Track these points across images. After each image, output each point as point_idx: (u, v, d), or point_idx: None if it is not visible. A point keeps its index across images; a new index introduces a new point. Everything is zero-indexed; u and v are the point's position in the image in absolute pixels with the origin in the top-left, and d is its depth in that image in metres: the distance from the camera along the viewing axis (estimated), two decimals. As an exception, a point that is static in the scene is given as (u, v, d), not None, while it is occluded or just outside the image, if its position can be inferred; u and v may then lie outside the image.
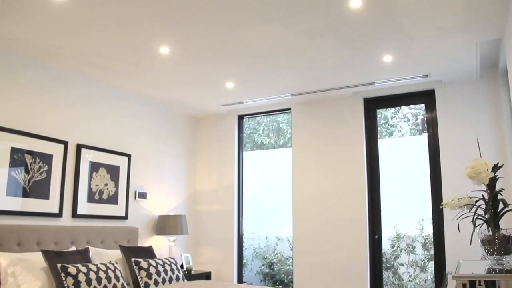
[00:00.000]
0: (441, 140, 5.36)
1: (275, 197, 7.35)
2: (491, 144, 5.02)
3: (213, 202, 6.84)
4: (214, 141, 6.99)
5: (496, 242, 2.75)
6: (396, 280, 6.08)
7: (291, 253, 6.88)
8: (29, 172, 4.48)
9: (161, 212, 6.22)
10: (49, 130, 4.76)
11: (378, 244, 5.73)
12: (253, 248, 7.49)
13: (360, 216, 5.69)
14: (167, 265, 4.85)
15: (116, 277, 4.06)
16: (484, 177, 2.73)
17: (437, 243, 5.35)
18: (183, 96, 6.05)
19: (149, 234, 6.02)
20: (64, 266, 3.74)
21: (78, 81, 5.16)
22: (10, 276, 3.87)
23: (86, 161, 5.14)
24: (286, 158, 6.65)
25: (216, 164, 6.92)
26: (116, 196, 5.50)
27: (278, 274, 7.29)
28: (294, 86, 5.64)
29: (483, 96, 5.21)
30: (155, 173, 6.23)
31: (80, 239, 4.80)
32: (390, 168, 5.95)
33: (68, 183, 4.92)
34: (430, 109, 5.59)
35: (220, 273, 6.59)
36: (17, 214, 4.35)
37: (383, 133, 6.36)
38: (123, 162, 5.64)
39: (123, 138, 5.73)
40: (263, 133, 7.73)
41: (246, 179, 6.87)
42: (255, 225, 7.29)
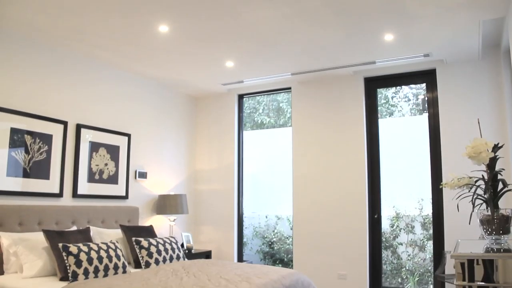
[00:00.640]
0: (441, 120, 5.35)
1: (275, 176, 7.36)
2: (491, 124, 5.00)
3: (213, 182, 6.86)
4: (214, 120, 6.98)
5: (494, 222, 2.77)
6: (395, 259, 6.13)
7: (291, 232, 6.93)
8: (29, 153, 4.48)
9: (161, 192, 6.24)
10: (49, 111, 4.74)
11: (377, 224, 5.77)
12: (253, 227, 7.54)
13: (359, 196, 5.72)
14: (167, 244, 4.88)
15: (117, 256, 4.09)
16: (484, 157, 2.73)
17: (436, 223, 5.38)
18: (182, 76, 6.01)
19: (150, 213, 6.05)
20: (65, 246, 3.77)
21: (77, 61, 5.12)
22: (12, 256, 3.91)
23: (86, 141, 5.14)
24: (286, 137, 6.64)
25: (216, 143, 6.92)
26: (116, 176, 5.51)
27: (278, 253, 7.35)
28: (294, 65, 5.60)
29: (484, 76, 5.18)
30: (155, 152, 6.24)
31: (81, 219, 4.82)
32: (390, 148, 5.94)
33: (68, 163, 4.93)
34: (431, 89, 5.56)
35: (220, 252, 6.65)
36: (18, 194, 4.36)
37: (383, 112, 6.34)
38: (123, 142, 5.64)
39: (123, 118, 5.71)
40: (263, 113, 7.70)
41: (246, 159, 6.88)
42: (255, 204, 7.32)
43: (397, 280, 6.09)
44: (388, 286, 5.93)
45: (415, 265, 6.02)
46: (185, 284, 3.57)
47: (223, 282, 3.69)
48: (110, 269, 3.94)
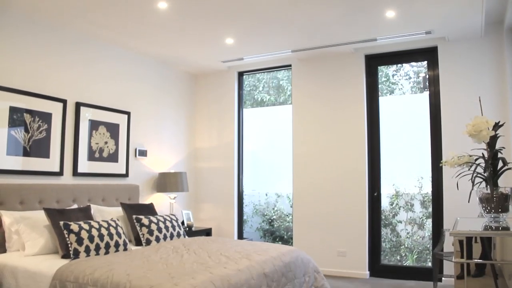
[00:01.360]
0: (442, 98, 5.32)
1: (275, 154, 7.37)
2: (493, 102, 4.98)
3: (213, 159, 6.87)
4: (214, 98, 6.95)
5: (494, 200, 2.77)
6: (394, 237, 6.17)
7: (290, 210, 6.96)
8: (28, 131, 4.47)
9: (161, 170, 6.25)
10: (48, 89, 4.71)
11: (377, 201, 5.80)
12: (253, 205, 7.58)
13: (359, 173, 5.73)
14: (168, 221, 4.91)
15: (118, 233, 4.12)
16: (484, 135, 2.72)
17: (435, 201, 5.40)
18: (182, 53, 5.96)
19: (150, 191, 6.07)
20: (66, 224, 3.79)
21: (76, 39, 5.07)
22: (14, 234, 3.94)
23: (85, 119, 5.12)
24: (286, 115, 6.62)
25: (216, 121, 6.90)
26: (116, 154, 5.51)
27: (278, 231, 7.40)
28: (294, 42, 5.55)
29: (486, 53, 5.13)
30: (155, 130, 6.23)
31: (81, 197, 4.84)
32: (390, 126, 5.93)
33: (68, 141, 4.92)
34: (432, 66, 5.52)
35: (220, 230, 6.69)
36: (18, 173, 4.37)
37: (384, 90, 6.30)
38: (122, 120, 5.62)
39: (122, 96, 5.69)
40: (263, 90, 7.66)
41: (246, 136, 6.88)
42: (255, 182, 7.34)
43: (396, 257, 6.15)
44: (387, 263, 5.99)
45: (414, 243, 6.06)
46: (186, 261, 3.61)
47: (223, 259, 3.72)
48: (111, 246, 3.97)
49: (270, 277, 3.61)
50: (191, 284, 2.89)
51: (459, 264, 2.60)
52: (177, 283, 2.87)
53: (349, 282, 5.42)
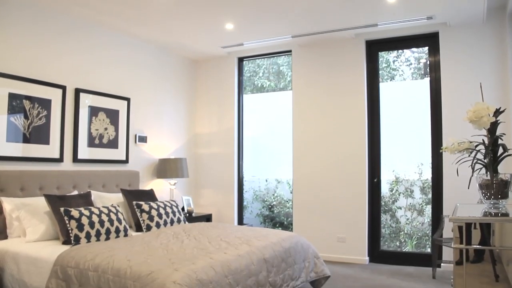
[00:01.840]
0: (443, 84, 5.30)
1: (275, 140, 7.36)
2: (494, 88, 4.96)
3: (213, 145, 6.87)
4: (214, 84, 6.92)
5: (493, 186, 2.77)
6: (393, 223, 6.20)
7: (290, 196, 6.98)
8: (28, 118, 4.46)
9: (161, 156, 6.25)
10: (47, 75, 4.69)
11: (377, 188, 5.81)
12: (253, 191, 7.59)
13: (359, 160, 5.73)
14: (168, 207, 4.92)
15: (118, 219, 4.13)
16: (485, 122, 2.71)
17: (435, 187, 5.41)
18: (182, 39, 5.92)
19: (150, 177, 6.08)
20: (67, 210, 3.80)
21: (75, 25, 5.03)
22: (15, 220, 3.96)
23: (85, 106, 5.11)
24: (286, 101, 6.61)
25: (216, 107, 6.89)
26: (116, 140, 5.51)
27: (278, 216, 7.43)
28: (294, 27, 5.51)
29: (488, 39, 5.10)
30: (155, 116, 6.21)
31: (81, 183, 4.85)
32: (390, 112, 5.91)
33: (67, 128, 4.91)
34: (433, 52, 5.48)
35: (220, 215, 6.72)
36: (19, 159, 4.37)
37: (384, 76, 6.27)
38: (122, 106, 5.61)
39: (122, 81, 5.66)
40: (263, 76, 7.63)
41: (246, 122, 6.87)
42: (255, 168, 7.35)
43: (395, 243, 6.18)
44: (387, 249, 6.02)
45: (413, 229, 6.09)
46: (186, 246, 3.62)
47: (223, 244, 3.74)
48: (111, 232, 3.99)
49: (270, 263, 3.63)
50: (192, 269, 2.91)
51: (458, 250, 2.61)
52: (178, 268, 2.89)
53: (348, 267, 5.45)
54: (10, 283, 3.59)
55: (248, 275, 3.31)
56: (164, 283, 2.72)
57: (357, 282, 4.77)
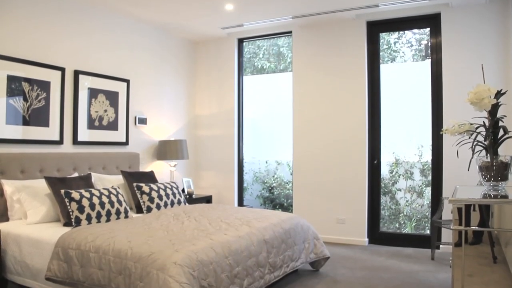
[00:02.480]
0: (444, 66, 5.27)
1: (275, 121, 7.35)
2: (496, 70, 4.93)
3: (213, 127, 6.86)
4: (214, 65, 6.88)
5: (493, 169, 2.78)
6: (393, 205, 6.22)
7: (290, 178, 7.00)
8: (27, 100, 4.44)
9: (161, 137, 6.25)
10: (46, 57, 4.66)
11: (377, 169, 5.81)
12: (253, 173, 7.61)
13: (360, 141, 5.73)
14: (168, 189, 4.94)
15: (119, 201, 4.14)
16: (486, 103, 2.70)
17: (435, 169, 5.42)
18: (181, 20, 5.86)
19: (150, 159, 6.09)
20: (67, 192, 3.81)
21: (73, 7, 4.97)
22: (16, 203, 3.97)
23: (84, 88, 5.08)
24: (286, 82, 6.58)
25: (216, 88, 6.86)
26: (116, 122, 5.50)
27: (278, 198, 7.46)
28: (295, 8, 5.45)
29: (491, 20, 5.04)
30: (154, 98, 6.19)
31: (82, 166, 4.86)
32: (391, 94, 5.89)
33: (67, 110, 4.90)
34: (435, 33, 5.43)
35: (220, 197, 6.75)
36: (19, 142, 4.37)
37: (385, 58, 6.23)
38: (122, 88, 5.58)
39: (121, 63, 5.63)
40: (263, 58, 7.59)
41: (246, 104, 6.85)
42: (255, 149, 7.36)
43: (394, 225, 6.21)
44: (386, 230, 6.05)
45: (413, 211, 6.12)
46: (186, 228, 3.65)
47: (223, 225, 3.76)
48: (112, 214, 4.01)
49: (270, 244, 3.66)
50: (192, 250, 2.93)
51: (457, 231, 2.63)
52: (178, 249, 2.91)
53: (348, 249, 5.49)
54: (12, 265, 3.62)
55: (248, 256, 3.33)
56: (164, 264, 2.74)
57: (356, 263, 4.81)
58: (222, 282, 2.97)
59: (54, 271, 3.24)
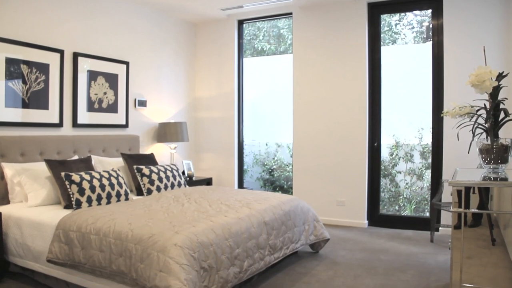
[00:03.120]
0: (445, 48, 5.22)
1: (276, 104, 7.33)
2: (497, 52, 4.89)
3: (213, 109, 6.85)
4: (214, 47, 6.84)
5: (493, 151, 2.78)
6: (393, 187, 6.24)
7: (290, 160, 7.01)
8: (26, 83, 4.41)
9: (161, 120, 6.24)
10: (44, 39, 4.61)
11: (377, 152, 5.81)
12: (254, 155, 7.61)
13: (360, 123, 5.71)
14: (168, 171, 4.94)
15: (119, 184, 4.15)
16: (487, 86, 2.69)
17: (435, 152, 5.42)
18: (180, 0, 5.80)
19: (150, 141, 6.09)
20: (67, 175, 3.82)
21: (69, -15, 4.93)
22: (16, 186, 3.98)
23: (83, 70, 5.05)
24: (286, 64, 6.54)
25: (215, 70, 6.82)
26: (115, 105, 5.48)
27: (278, 180, 7.48)
28: (295, -11, 5.40)
29: (493, 2, 4.98)
30: (154, 80, 6.16)
31: (82, 148, 4.86)
32: (391, 77, 5.86)
33: (66, 92, 4.88)
34: (437, 15, 5.38)
35: (221, 179, 6.76)
36: (18, 125, 4.36)
37: (386, 40, 6.18)
38: (121, 70, 5.55)
39: (120, 45, 5.58)
40: (264, 39, 7.53)
41: (246, 86, 6.82)
42: (255, 132, 7.35)
43: (394, 207, 6.24)
44: (386, 213, 6.08)
45: (412, 193, 6.13)
46: (186, 209, 3.66)
47: (223, 207, 3.77)
48: (112, 196, 4.02)
49: (270, 225, 3.67)
50: (192, 232, 2.95)
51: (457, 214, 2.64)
52: (178, 231, 2.93)
53: (348, 231, 5.52)
54: (14, 247, 3.65)
55: (248, 238, 3.35)
56: (165, 246, 2.75)
57: (356, 245, 4.84)
58: (222, 264, 2.99)
59: (55, 253, 3.26)
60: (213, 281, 2.87)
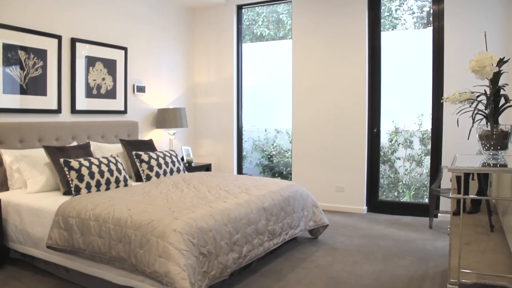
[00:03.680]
0: (446, 33, 5.18)
1: (275, 89, 7.30)
2: (498, 38, 4.86)
3: (212, 95, 6.82)
4: (213, 32, 6.79)
5: (493, 137, 2.77)
6: (392, 174, 6.24)
7: (290, 146, 7.00)
8: (24, 69, 4.38)
9: (160, 106, 6.22)
10: (41, 25, 4.57)
11: (376, 138, 5.81)
12: (253, 141, 7.60)
13: (359, 110, 5.70)
14: (167, 157, 4.94)
15: (118, 170, 4.15)
16: (488, 71, 2.67)
17: (434, 138, 5.41)
18: (178, -14, 5.75)
19: (149, 127, 6.07)
20: (66, 161, 3.81)
21: (66, -30, 4.87)
22: (15, 172, 3.98)
23: (81, 56, 5.02)
24: (286, 50, 6.50)
25: (214, 56, 6.78)
26: (114, 91, 5.45)
27: (277, 166, 7.48)
28: (295, -26, 5.33)
29: (494, -14, 4.94)
30: (153, 66, 6.13)
31: (80, 135, 4.84)
32: (391, 62, 5.83)
33: (64, 78, 4.85)
34: (437, 0, 5.33)
35: (220, 165, 6.76)
36: (17, 111, 4.34)
37: (386, 25, 6.13)
38: (119, 56, 5.51)
39: (118, 31, 5.54)
40: (263, 25, 7.47)
41: (245, 72, 6.79)
42: (254, 118, 7.33)
43: (393, 193, 6.25)
44: (385, 199, 6.09)
45: (411, 180, 6.14)
46: (186, 195, 3.66)
47: (223, 193, 3.78)
48: (111, 182, 4.02)
49: (269, 211, 3.68)
50: (191, 218, 2.95)
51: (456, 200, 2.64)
52: (177, 217, 2.93)
53: (347, 217, 5.54)
54: (14, 234, 3.65)
55: (247, 224, 3.36)
56: (164, 232, 2.76)
57: (355, 231, 4.86)
58: (222, 249, 3.00)
59: (55, 239, 3.27)
60: (212, 267, 2.88)
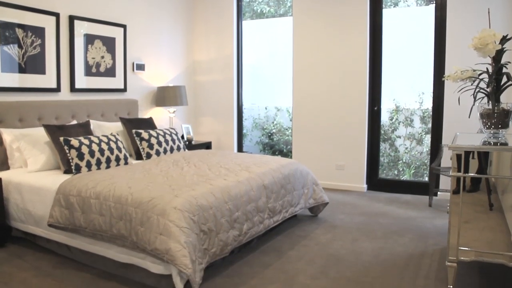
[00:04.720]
0: (449, 10, 5.10)
1: (275, 67, 7.25)
2: (502, 15, 4.79)
3: (212, 73, 6.78)
4: (213, 9, 6.71)
5: (494, 116, 2.76)
6: (392, 152, 6.24)
7: (290, 124, 6.99)
8: (22, 47, 4.34)
9: (160, 84, 6.19)
10: (39, 2, 4.50)
11: (377, 116, 5.79)
12: (253, 119, 7.59)
13: (360, 87, 5.67)
14: (167, 135, 4.93)
15: (118, 148, 4.15)
16: (490, 49, 2.65)
17: (435, 117, 5.39)
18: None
19: (149, 106, 6.05)
20: (66, 139, 3.81)
21: None
22: (15, 151, 3.98)
23: (80, 34, 4.96)
24: (286, 27, 6.44)
25: (214, 33, 6.72)
26: (113, 69, 5.42)
27: (277, 144, 7.48)
28: (296, -51, 5.25)
29: (498, -40, 4.86)
30: (152, 43, 6.07)
31: (80, 113, 4.83)
32: (393, 40, 5.77)
33: (63, 56, 4.80)
34: (440, -25, 5.25)
35: (220, 143, 6.76)
36: (15, 90, 4.31)
37: (388, 2, 6.05)
38: (118, 33, 5.45)
39: (117, 7, 5.47)
40: (263, 2, 7.38)
41: (246, 49, 6.74)
42: (254, 95, 7.29)
43: (393, 172, 6.26)
44: (385, 177, 6.11)
45: (412, 158, 6.14)
46: (186, 173, 3.67)
47: (223, 171, 3.79)
48: (112, 161, 4.02)
49: (269, 189, 3.69)
50: (192, 195, 2.96)
51: (455, 179, 2.64)
52: (178, 194, 2.94)
53: (347, 195, 5.56)
54: (15, 212, 3.68)
55: (247, 201, 3.37)
56: (164, 209, 2.77)
57: (355, 209, 4.88)
58: (222, 227, 3.02)
59: (56, 218, 3.29)
60: (213, 244, 2.91)
